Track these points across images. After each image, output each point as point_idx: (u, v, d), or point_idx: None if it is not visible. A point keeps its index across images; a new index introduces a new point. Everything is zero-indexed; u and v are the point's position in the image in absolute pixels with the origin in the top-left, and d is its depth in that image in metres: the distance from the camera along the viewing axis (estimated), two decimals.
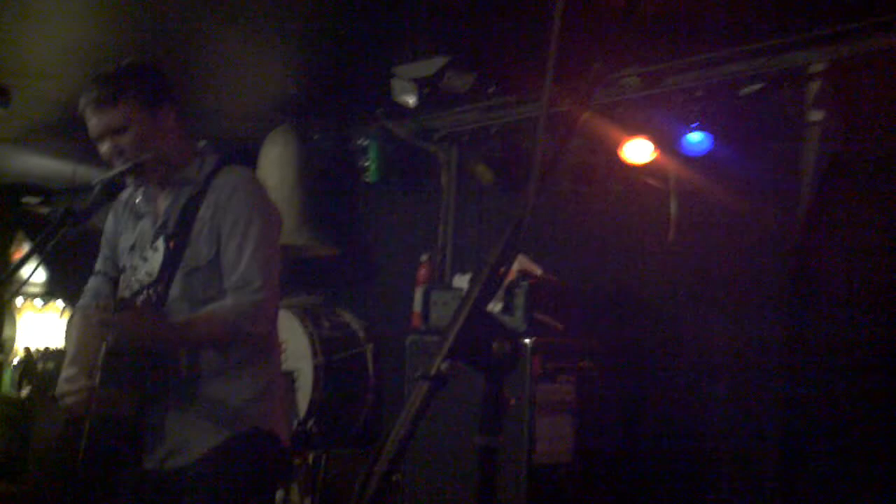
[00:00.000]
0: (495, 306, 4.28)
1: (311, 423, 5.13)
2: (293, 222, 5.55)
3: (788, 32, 4.07)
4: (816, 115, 4.18)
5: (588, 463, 4.31)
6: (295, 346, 5.18)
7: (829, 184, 4.17)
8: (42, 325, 7.65)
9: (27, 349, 6.11)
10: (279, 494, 4.78)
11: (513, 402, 1.37)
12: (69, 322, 2.98)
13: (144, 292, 2.48)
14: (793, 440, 4.12)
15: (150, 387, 2.66)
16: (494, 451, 1.31)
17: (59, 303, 7.71)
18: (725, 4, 3.84)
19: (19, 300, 7.54)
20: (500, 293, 4.29)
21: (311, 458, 4.94)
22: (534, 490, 4.03)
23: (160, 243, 2.40)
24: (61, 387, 2.66)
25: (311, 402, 5.16)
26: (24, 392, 5.76)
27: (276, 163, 5.63)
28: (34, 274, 6.22)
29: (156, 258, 2.40)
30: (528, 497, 4.00)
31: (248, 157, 5.53)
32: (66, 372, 2.70)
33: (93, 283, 2.98)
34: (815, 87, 4.18)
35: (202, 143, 2.86)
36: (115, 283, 2.84)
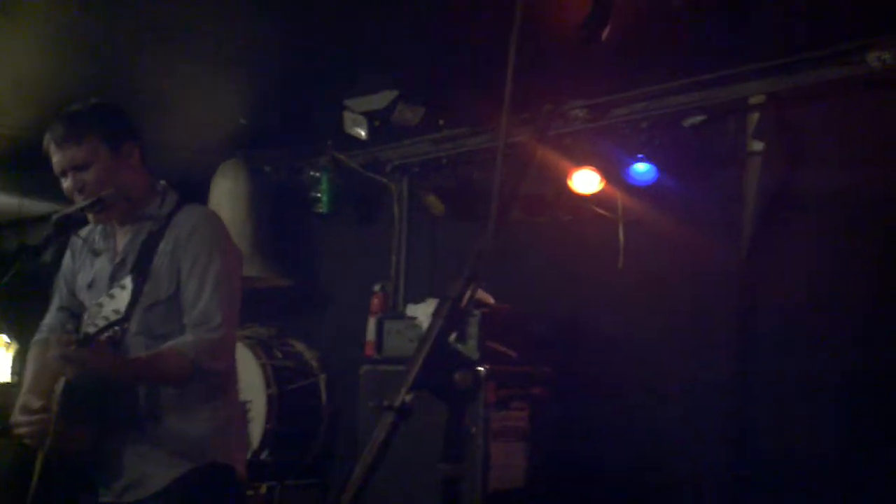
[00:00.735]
0: (449, 336, 4.30)
1: (265, 453, 5.11)
2: (245, 254, 5.54)
3: (729, 66, 4.20)
4: (758, 146, 4.30)
5: (541, 489, 4.35)
6: (248, 377, 5.16)
7: (772, 213, 4.29)
8: None
9: None
10: None
11: (474, 430, 1.41)
12: (28, 354, 2.96)
13: (110, 329, 2.48)
14: (742, 466, 4.20)
15: (109, 421, 2.66)
16: (458, 478, 1.35)
17: (5, 337, 7.57)
18: (668, 39, 3.95)
19: None
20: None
21: (264, 488, 4.92)
22: None
23: (128, 281, 2.41)
24: (16, 416, 2.65)
25: (265, 433, 5.14)
26: None
27: (227, 195, 5.63)
28: None
29: (123, 295, 2.40)
30: None
31: (199, 190, 5.52)
32: (22, 401, 2.69)
33: (50, 318, 2.98)
34: (755, 118, 4.32)
35: (163, 182, 2.89)
36: (74, 318, 2.83)
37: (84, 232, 2.90)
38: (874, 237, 3.95)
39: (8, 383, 6.30)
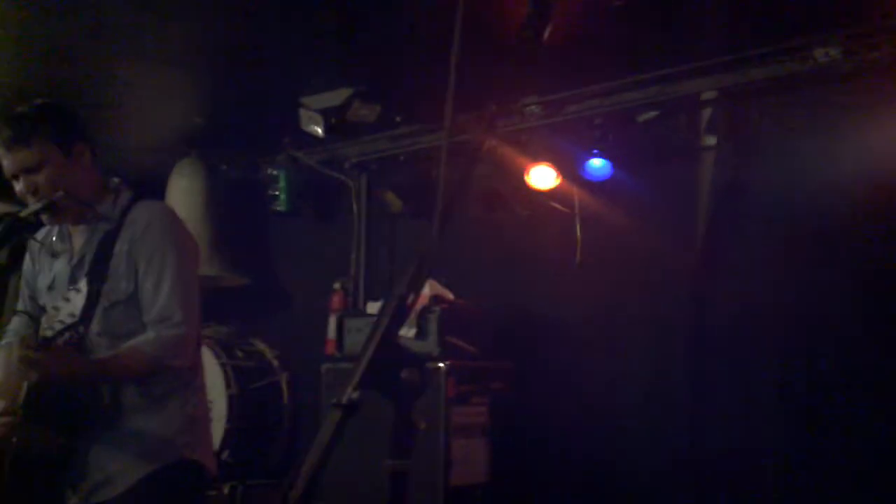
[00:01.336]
0: (409, 332, 4.33)
1: (226, 453, 5.10)
2: (203, 253, 5.50)
3: (680, 62, 4.26)
4: (710, 141, 4.37)
5: (504, 483, 4.38)
6: (209, 377, 5.07)
7: (725, 206, 4.35)
8: None
9: None
10: None
11: (423, 426, 1.43)
12: None
13: (67, 333, 2.48)
14: (699, 454, 4.26)
15: (74, 422, 2.65)
16: (404, 473, 1.37)
17: None
18: (620, 37, 3.99)
19: None
20: (413, 319, 4.35)
21: (227, 489, 4.91)
22: None
23: (83, 284, 2.41)
24: None
25: (226, 433, 5.12)
26: None
27: (183, 194, 5.60)
28: None
29: (78, 299, 2.40)
30: None
31: (156, 188, 5.49)
32: None
33: (15, 323, 2.95)
34: (707, 113, 4.38)
35: (116, 180, 2.87)
36: (36, 321, 2.82)
37: (41, 235, 2.88)
38: (824, 229, 4.02)
39: None
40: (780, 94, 4.22)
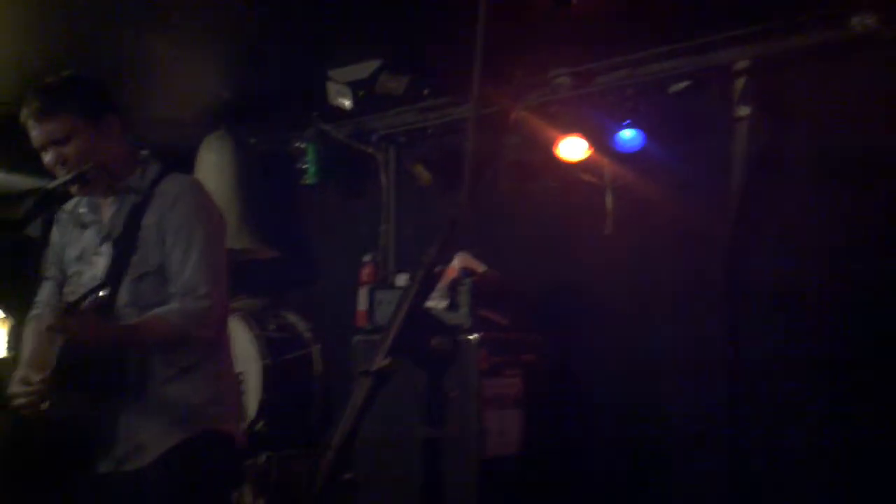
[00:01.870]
0: (440, 304, 4.34)
1: (260, 424, 5.15)
2: (233, 227, 5.54)
3: (714, 31, 4.20)
4: (743, 111, 4.31)
5: (537, 454, 4.39)
6: (241, 349, 5.18)
7: (759, 177, 4.30)
8: None
9: None
10: (232, 496, 4.79)
11: (453, 394, 1.43)
12: (24, 330, 2.98)
13: (90, 296, 2.50)
14: (739, 427, 4.24)
15: (102, 389, 2.68)
16: (437, 441, 1.37)
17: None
18: (652, 5, 3.94)
19: None
20: (445, 291, 4.36)
21: (262, 459, 4.96)
22: (483, 482, 4.08)
23: (105, 248, 2.43)
24: (13, 388, 2.67)
25: (260, 404, 5.17)
26: None
27: (213, 168, 5.62)
28: None
29: (100, 262, 2.42)
30: (478, 489, 4.06)
31: (185, 163, 5.51)
32: (19, 374, 2.71)
33: (43, 293, 2.99)
34: (740, 83, 4.32)
35: (145, 152, 2.89)
36: (59, 291, 2.85)
37: (69, 206, 2.89)
38: (860, 199, 3.97)
39: (3, 358, 6.31)
40: (814, 62, 4.15)
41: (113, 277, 2.46)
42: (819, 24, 3.98)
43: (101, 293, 2.56)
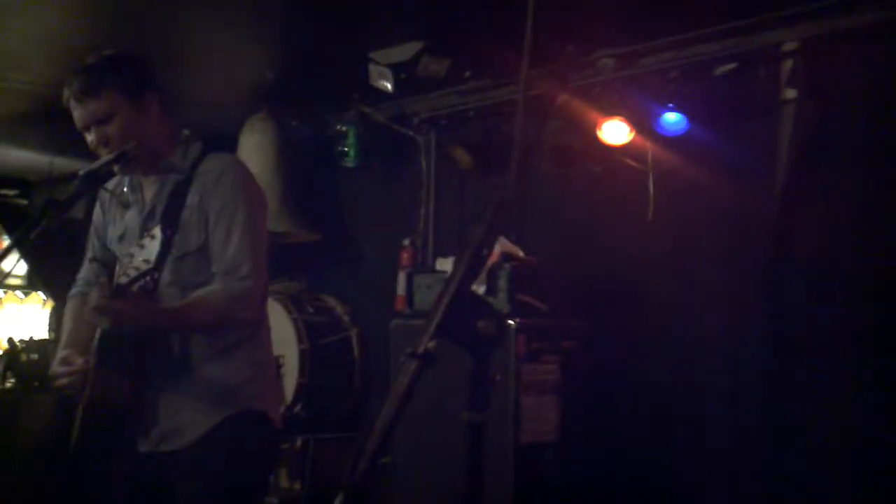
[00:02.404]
0: (479, 289, 4.32)
1: (298, 407, 5.17)
2: (273, 209, 5.54)
3: (761, 11, 4.12)
4: (790, 94, 4.23)
5: (574, 442, 4.36)
6: (280, 332, 5.20)
7: (805, 163, 4.22)
8: (25, 317, 7.63)
9: (10, 340, 6.10)
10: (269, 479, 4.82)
11: (497, 377, 1.40)
12: (65, 308, 3.01)
13: (142, 279, 2.51)
14: (777, 418, 4.18)
15: (144, 371, 2.70)
16: (482, 426, 1.35)
17: (41, 294, 7.68)
18: None
19: (0, 292, 7.52)
20: (483, 276, 4.33)
21: (299, 442, 4.98)
22: (520, 468, 4.09)
23: (157, 231, 2.43)
24: (55, 369, 2.70)
25: (298, 387, 5.19)
26: (9, 383, 5.76)
27: (254, 150, 5.64)
28: (16, 266, 6.21)
29: (153, 245, 2.42)
30: (514, 475, 4.06)
31: (226, 145, 5.53)
32: (61, 354, 2.73)
33: (84, 272, 3.02)
34: (788, 65, 4.23)
35: (186, 132, 2.88)
36: (107, 269, 2.86)
37: (111, 185, 2.90)
38: None
39: (46, 339, 6.40)
40: (865, 44, 4.05)
41: (161, 255, 2.46)
42: (871, 4, 3.88)
43: (151, 276, 2.56)
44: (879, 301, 3.92)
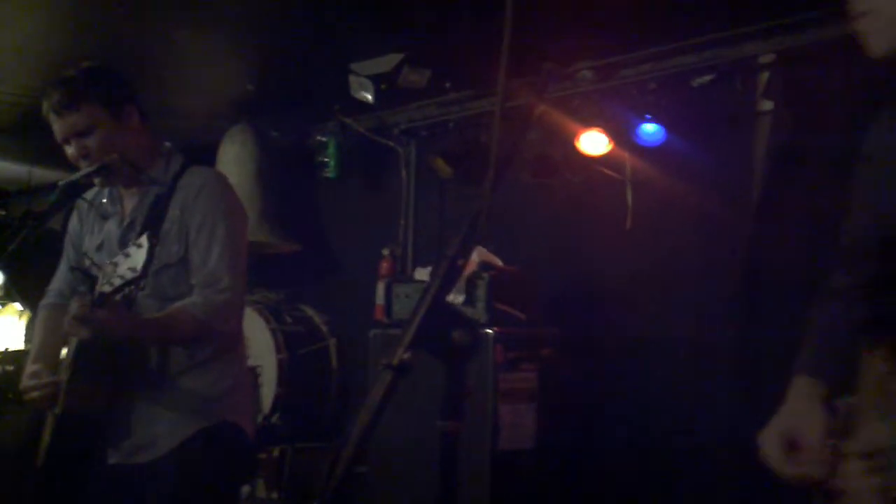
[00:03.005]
0: (457, 298, 4.33)
1: (275, 417, 5.16)
2: (253, 220, 5.55)
3: (738, 24, 4.16)
4: (766, 106, 4.27)
5: (550, 449, 4.37)
6: (258, 342, 5.20)
7: (782, 173, 4.25)
8: (0, 328, 7.57)
9: None
10: (245, 489, 4.80)
11: (469, 389, 1.41)
12: (35, 320, 2.99)
13: (127, 287, 2.49)
14: (749, 426, 4.19)
15: (120, 381, 2.68)
16: (456, 435, 1.36)
17: (18, 305, 7.62)
18: None
19: None
20: (462, 285, 4.34)
21: (276, 452, 4.97)
22: (497, 476, 4.09)
23: (144, 240, 2.41)
24: (25, 382, 2.68)
25: (276, 397, 5.19)
26: None
27: (234, 161, 5.63)
28: None
29: (139, 254, 2.40)
30: (491, 483, 4.07)
31: (205, 156, 5.52)
32: (31, 368, 2.72)
33: (58, 282, 3.00)
34: (764, 77, 4.28)
35: (168, 145, 2.89)
36: (87, 279, 2.84)
37: (90, 195, 2.90)
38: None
39: (22, 351, 6.36)
40: (840, 56, 4.10)
41: (147, 264, 2.44)
42: (844, 17, 3.92)
43: (135, 286, 2.54)
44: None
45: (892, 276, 1.62)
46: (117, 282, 2.46)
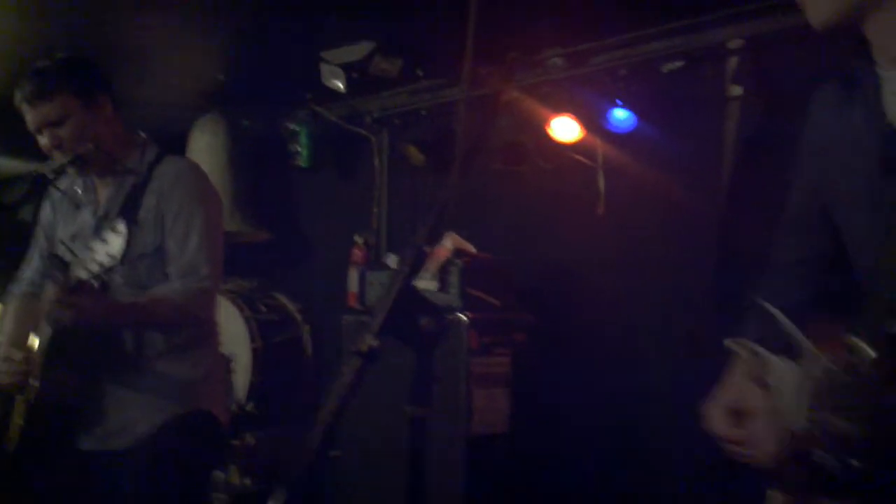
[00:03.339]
0: (431, 284, 4.35)
1: (250, 405, 5.17)
2: (225, 209, 5.53)
3: (707, 10, 4.18)
4: (736, 91, 4.30)
5: (524, 433, 4.41)
6: (232, 330, 5.19)
7: (751, 158, 4.29)
8: None
9: None
10: (219, 475, 4.81)
11: (440, 375, 1.43)
12: (6, 307, 2.98)
13: (105, 274, 2.48)
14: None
15: (95, 366, 2.69)
16: (424, 421, 1.38)
17: None
18: None
19: None
20: (436, 272, 4.36)
21: (249, 439, 4.98)
22: (471, 460, 4.13)
23: (121, 226, 2.40)
24: None
25: (250, 385, 5.19)
26: None
27: (206, 150, 5.61)
28: None
29: (117, 241, 2.39)
30: (464, 466, 4.10)
31: (176, 146, 5.49)
32: (2, 352, 2.71)
33: (30, 271, 2.99)
34: (733, 63, 4.30)
35: (142, 134, 2.89)
36: (62, 266, 2.82)
37: (63, 184, 2.89)
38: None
39: None
40: (808, 42, 4.13)
41: (125, 250, 2.43)
42: None
43: (113, 272, 2.53)
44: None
45: (834, 255, 1.65)
46: (94, 268, 2.46)
